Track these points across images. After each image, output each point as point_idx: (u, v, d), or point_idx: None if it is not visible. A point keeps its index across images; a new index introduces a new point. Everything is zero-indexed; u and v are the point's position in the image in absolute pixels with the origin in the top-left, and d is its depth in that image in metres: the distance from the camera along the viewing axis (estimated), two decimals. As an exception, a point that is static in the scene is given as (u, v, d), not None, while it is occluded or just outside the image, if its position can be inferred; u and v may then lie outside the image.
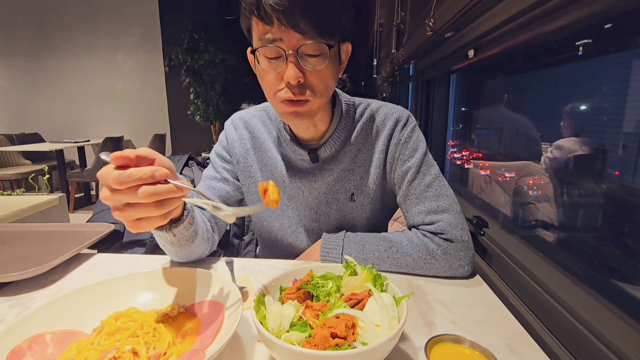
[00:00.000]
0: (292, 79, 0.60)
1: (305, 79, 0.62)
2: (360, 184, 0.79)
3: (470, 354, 0.42)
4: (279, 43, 0.59)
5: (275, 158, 0.80)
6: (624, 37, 0.64)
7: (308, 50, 0.60)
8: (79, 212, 3.90)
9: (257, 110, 0.85)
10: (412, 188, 0.74)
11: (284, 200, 0.81)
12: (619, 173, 0.69)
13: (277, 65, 0.61)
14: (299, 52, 0.60)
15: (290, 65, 0.60)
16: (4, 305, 0.62)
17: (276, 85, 0.63)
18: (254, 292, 0.65)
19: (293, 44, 0.59)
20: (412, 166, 0.74)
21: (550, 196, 0.91)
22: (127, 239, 1.14)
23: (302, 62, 0.61)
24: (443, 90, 1.64)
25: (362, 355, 0.39)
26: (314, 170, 0.78)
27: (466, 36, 0.97)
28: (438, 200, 0.72)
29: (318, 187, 0.79)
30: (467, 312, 0.59)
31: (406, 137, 0.76)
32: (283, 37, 0.59)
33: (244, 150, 0.82)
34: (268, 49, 0.60)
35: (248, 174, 0.83)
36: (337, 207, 0.80)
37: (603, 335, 0.46)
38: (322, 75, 0.63)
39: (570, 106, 0.87)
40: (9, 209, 1.33)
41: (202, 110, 4.29)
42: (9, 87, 4.99)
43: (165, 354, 0.46)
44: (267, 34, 0.59)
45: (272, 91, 0.65)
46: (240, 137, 0.83)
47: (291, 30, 0.58)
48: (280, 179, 0.80)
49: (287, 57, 0.60)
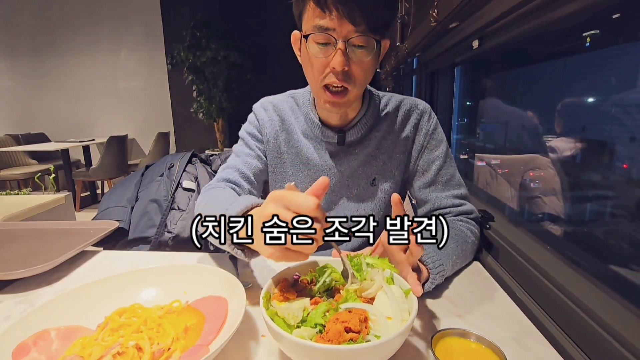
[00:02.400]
0: (338, 65, 0.64)
1: (349, 68, 0.66)
2: (383, 169, 0.82)
3: (477, 348, 0.41)
4: (331, 32, 0.63)
5: (302, 142, 0.83)
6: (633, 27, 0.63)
7: (357, 42, 0.64)
8: (85, 210, 3.93)
9: (285, 96, 0.88)
10: (440, 176, 0.80)
11: (306, 182, 0.83)
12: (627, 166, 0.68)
13: (325, 51, 0.65)
14: (348, 43, 0.63)
15: (338, 53, 0.63)
16: (10, 302, 0.63)
17: (322, 70, 0.67)
18: (257, 287, 0.65)
19: (344, 34, 0.63)
20: (440, 156, 0.80)
21: (557, 189, 0.90)
22: (132, 236, 1.15)
23: (350, 52, 0.64)
24: (447, 83, 1.62)
25: (377, 348, 0.39)
26: (340, 153, 0.81)
27: (470, 26, 0.96)
28: (460, 189, 0.81)
29: (343, 171, 0.81)
30: (473, 305, 0.58)
31: (433, 128, 0.81)
32: (336, 27, 0.62)
33: (274, 132, 0.84)
34: (320, 35, 0.64)
35: (276, 154, 0.85)
36: (357, 192, 0.83)
37: (611, 327, 0.45)
38: (364, 67, 0.67)
39: (576, 98, 0.85)
40: (16, 208, 1.35)
41: (205, 107, 4.29)
42: (14, 87, 5.03)
43: (169, 349, 0.46)
44: (322, 21, 0.63)
45: (317, 76, 0.68)
46: (271, 118, 0.85)
47: (345, 21, 0.61)
48: (306, 161, 0.83)
49: (336, 45, 0.63)
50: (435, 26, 1.02)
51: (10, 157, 4.27)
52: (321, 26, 0.63)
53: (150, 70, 4.82)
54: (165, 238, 1.12)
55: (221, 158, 1.40)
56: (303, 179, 0.84)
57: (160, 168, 1.33)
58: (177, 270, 0.61)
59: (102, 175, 3.82)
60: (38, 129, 4.98)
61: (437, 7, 0.99)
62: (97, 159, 3.86)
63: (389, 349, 0.41)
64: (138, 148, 5.04)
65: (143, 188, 1.28)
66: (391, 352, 0.42)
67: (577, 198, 0.84)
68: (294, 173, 0.84)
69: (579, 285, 0.55)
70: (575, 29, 0.74)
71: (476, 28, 0.93)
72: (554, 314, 0.56)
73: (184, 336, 0.49)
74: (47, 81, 4.97)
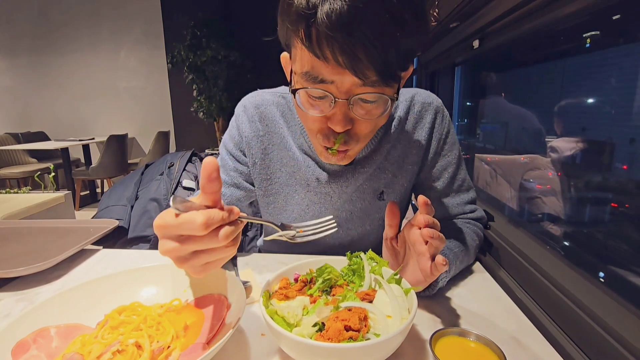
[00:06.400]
0: (338, 129, 0.50)
1: (353, 126, 0.51)
2: (392, 182, 0.72)
3: (476, 347, 0.41)
4: (328, 86, 0.47)
5: (298, 158, 0.69)
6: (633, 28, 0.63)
7: (364, 97, 0.48)
8: (85, 209, 3.93)
9: (275, 96, 0.71)
10: (453, 183, 0.73)
11: (303, 204, 0.72)
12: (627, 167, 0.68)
13: (319, 106, 0.50)
14: (350, 100, 0.48)
15: (338, 113, 0.49)
16: (10, 299, 0.63)
17: (317, 127, 0.54)
18: (257, 286, 0.65)
19: (345, 88, 0.47)
20: (453, 161, 0.73)
21: (557, 190, 0.90)
22: (132, 235, 1.15)
23: (355, 108, 0.49)
24: (447, 83, 1.62)
25: (377, 346, 0.39)
26: (346, 173, 0.68)
27: (471, 26, 0.96)
28: (469, 192, 0.76)
29: (349, 192, 0.70)
30: (472, 305, 0.58)
31: (447, 130, 0.72)
32: (335, 80, 0.46)
33: (261, 149, 0.70)
34: (313, 90, 0.48)
35: (265, 177, 0.72)
36: (362, 206, 0.73)
37: (610, 327, 0.45)
38: (373, 122, 0.52)
39: (577, 99, 0.85)
40: (16, 207, 1.34)
41: (205, 107, 4.29)
42: (14, 86, 5.02)
43: (168, 347, 0.46)
44: (315, 69, 0.46)
45: (312, 133, 0.56)
46: (256, 132, 0.70)
47: (347, 73, 0.45)
48: (304, 181, 0.70)
49: (335, 102, 0.48)
50: (435, 26, 1.02)
51: (10, 156, 4.26)
52: (313, 76, 0.47)
53: (150, 69, 4.82)
54: (165, 237, 1.12)
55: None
56: (300, 200, 0.72)
57: (160, 167, 1.33)
58: (177, 268, 0.61)
59: (101, 174, 3.82)
60: (38, 127, 4.97)
61: (437, 7, 0.99)
62: (97, 157, 3.86)
63: (389, 347, 0.41)
64: (138, 147, 5.04)
65: (143, 187, 1.28)
66: (391, 351, 0.42)
67: (577, 199, 0.84)
68: (289, 194, 0.72)
69: (578, 285, 0.55)
70: (576, 30, 0.74)
71: (477, 28, 0.93)
72: (553, 313, 0.56)
73: (183, 334, 0.49)
74: (48, 80, 4.96)
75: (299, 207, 0.72)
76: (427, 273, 0.48)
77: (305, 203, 0.72)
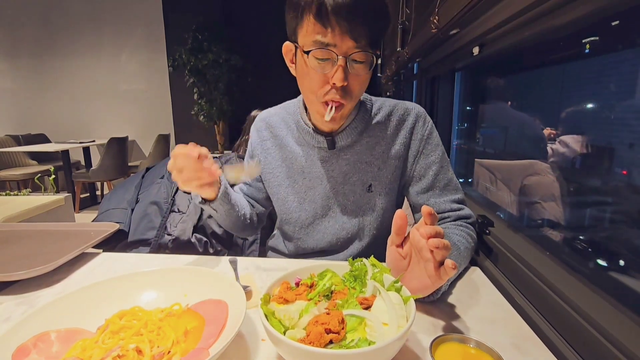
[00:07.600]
0: (339, 82, 0.64)
1: (348, 83, 0.66)
2: (379, 175, 0.82)
3: (476, 354, 0.41)
4: (332, 48, 0.63)
5: (294, 151, 0.84)
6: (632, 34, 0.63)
7: (357, 57, 0.64)
8: (85, 212, 3.93)
9: (277, 108, 0.90)
10: (437, 181, 0.80)
11: (302, 191, 0.84)
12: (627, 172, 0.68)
13: (324, 67, 0.65)
14: (348, 58, 0.64)
15: (340, 70, 0.64)
16: (10, 303, 0.63)
17: (320, 85, 0.67)
18: (257, 290, 0.65)
19: (344, 50, 0.63)
20: (436, 161, 0.80)
21: (557, 195, 0.90)
22: (132, 238, 1.15)
23: (349, 67, 0.65)
24: (447, 88, 1.63)
25: (371, 354, 0.39)
26: (331, 158, 0.81)
27: (471, 33, 0.97)
28: (457, 193, 0.81)
29: (335, 176, 0.82)
30: (472, 311, 0.59)
31: (428, 132, 0.81)
32: (337, 43, 0.63)
33: (264, 150, 0.88)
34: (320, 51, 0.64)
35: (269, 170, 0.88)
36: (354, 199, 0.82)
37: (610, 333, 0.45)
38: (361, 81, 0.69)
39: (576, 104, 0.86)
40: (15, 209, 1.34)
41: (206, 110, 4.30)
42: (14, 88, 5.03)
43: (169, 352, 0.46)
44: (322, 37, 0.63)
45: (315, 90, 0.69)
46: (262, 138, 0.88)
47: (347, 37, 0.62)
48: (299, 169, 0.84)
49: (337, 61, 0.64)
50: (435, 32, 1.03)
51: (10, 158, 4.27)
52: (322, 42, 0.63)
53: (151, 72, 4.84)
54: (165, 240, 1.12)
55: (222, 160, 1.40)
56: (299, 189, 0.85)
57: (160, 170, 1.33)
58: (177, 273, 0.61)
59: (102, 177, 3.82)
60: (38, 129, 4.98)
61: (437, 14, 1.00)
62: (97, 160, 3.86)
63: (385, 354, 0.41)
64: (138, 150, 5.04)
65: (143, 190, 1.28)
66: (388, 358, 0.42)
67: (577, 204, 0.84)
68: (290, 184, 0.85)
69: (577, 291, 0.55)
70: (575, 36, 0.75)
71: (476, 35, 0.93)
72: (553, 319, 0.56)
73: (184, 339, 0.49)
74: (49, 82, 4.98)
75: (299, 195, 0.85)
76: (435, 278, 0.49)
77: (303, 190, 0.84)
